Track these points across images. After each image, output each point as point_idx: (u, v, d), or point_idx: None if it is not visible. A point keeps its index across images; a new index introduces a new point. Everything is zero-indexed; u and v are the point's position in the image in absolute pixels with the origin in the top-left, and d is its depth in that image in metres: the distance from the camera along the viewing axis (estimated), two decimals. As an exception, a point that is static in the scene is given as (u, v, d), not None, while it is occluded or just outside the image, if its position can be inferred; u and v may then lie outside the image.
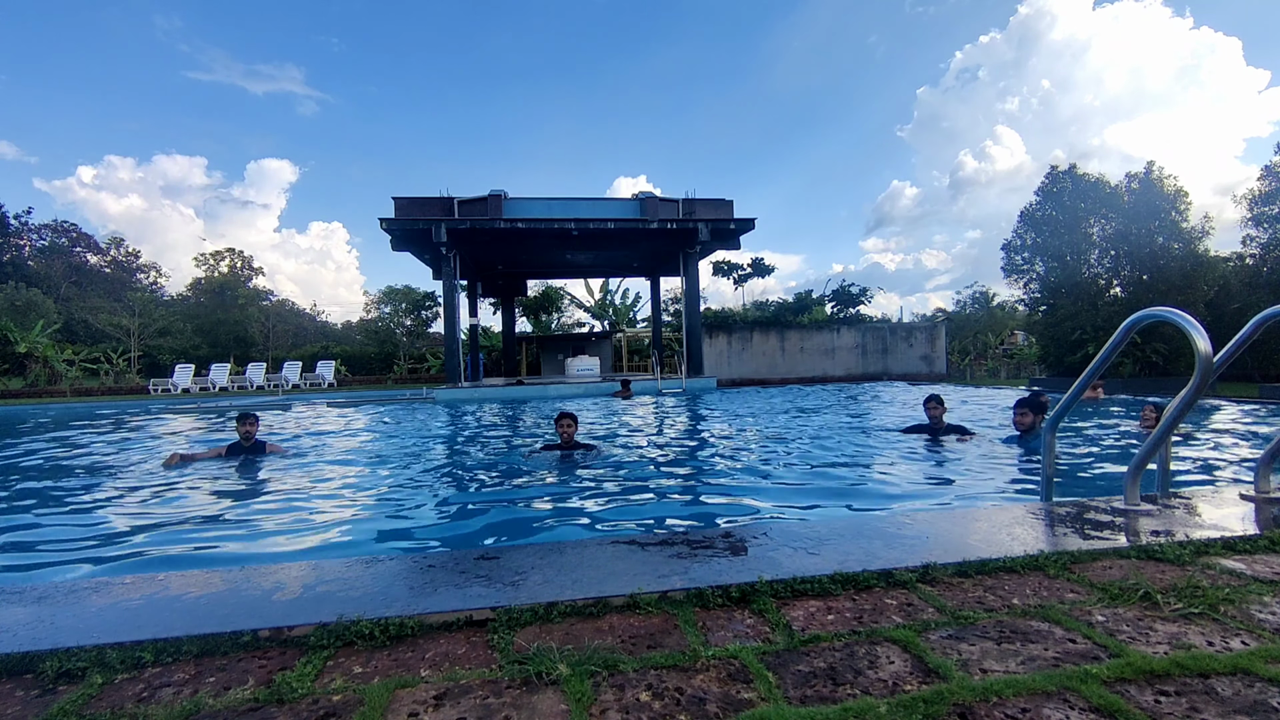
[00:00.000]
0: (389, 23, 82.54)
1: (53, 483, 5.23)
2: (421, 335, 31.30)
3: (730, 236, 17.84)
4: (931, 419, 6.16)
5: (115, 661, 1.36)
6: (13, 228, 37.28)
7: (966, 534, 2.17)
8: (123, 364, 26.55)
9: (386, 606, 1.59)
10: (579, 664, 1.32)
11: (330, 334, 43.16)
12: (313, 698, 1.24)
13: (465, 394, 14.72)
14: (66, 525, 3.73)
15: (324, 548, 3.20)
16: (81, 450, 7.35)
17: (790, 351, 21.56)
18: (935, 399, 6.21)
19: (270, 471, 5.33)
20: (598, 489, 4.45)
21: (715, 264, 27.77)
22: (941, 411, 6.15)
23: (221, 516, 3.87)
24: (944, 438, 5.98)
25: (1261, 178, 14.85)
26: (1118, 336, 2.64)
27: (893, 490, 4.20)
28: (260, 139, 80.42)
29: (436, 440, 7.76)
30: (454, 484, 5.00)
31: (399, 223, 15.88)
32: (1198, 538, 2.05)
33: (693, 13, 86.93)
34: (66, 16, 58.95)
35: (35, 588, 1.79)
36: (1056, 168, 15.96)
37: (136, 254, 43.33)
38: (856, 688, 1.24)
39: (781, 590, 1.69)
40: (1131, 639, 1.41)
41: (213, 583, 1.81)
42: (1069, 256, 15.21)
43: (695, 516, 3.81)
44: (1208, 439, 6.15)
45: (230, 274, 40.68)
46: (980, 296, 33.84)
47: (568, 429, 5.48)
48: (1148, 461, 2.49)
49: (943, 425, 6.12)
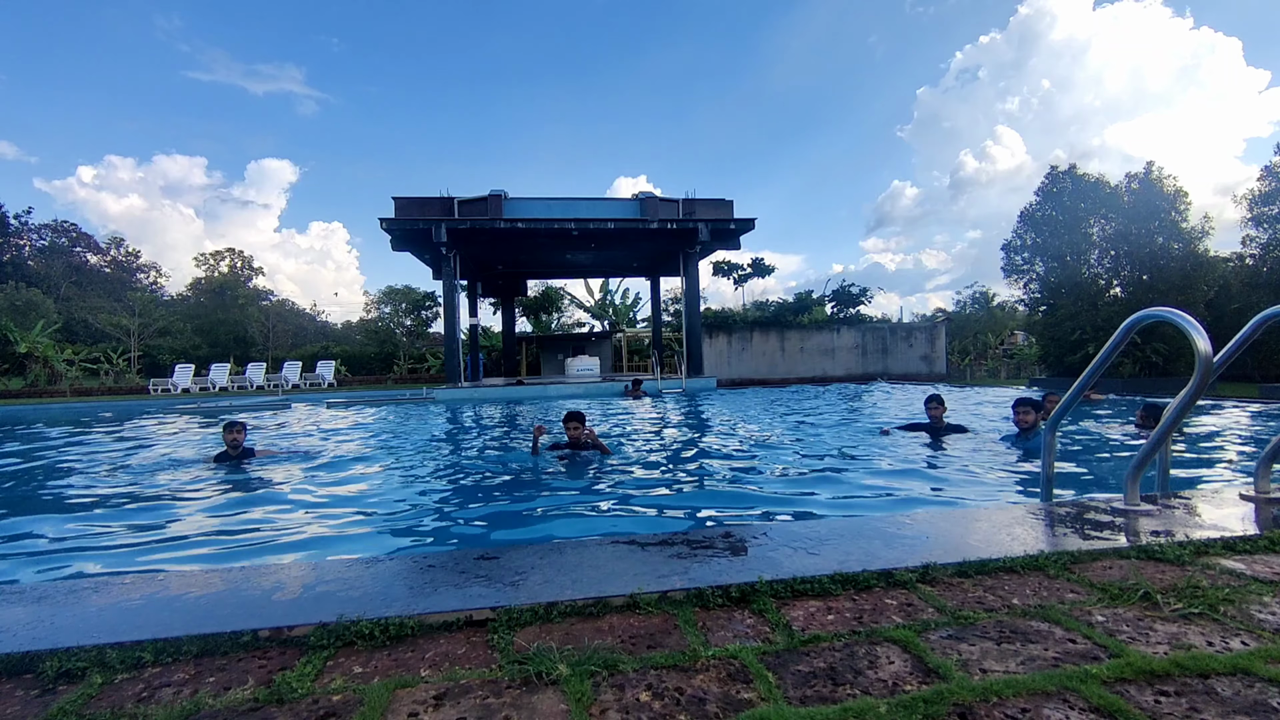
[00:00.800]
0: (389, 23, 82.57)
1: (53, 483, 5.23)
2: (421, 335, 31.30)
3: (730, 236, 17.85)
4: (932, 419, 6.20)
5: (115, 661, 1.36)
6: (13, 228, 37.29)
7: (966, 534, 2.17)
8: (122, 364, 26.55)
9: (386, 606, 1.59)
10: (579, 664, 1.32)
11: (330, 334, 43.15)
12: (313, 698, 1.24)
13: (465, 394, 14.72)
14: (66, 526, 3.73)
15: (324, 548, 3.20)
16: (81, 450, 7.35)
17: (790, 352, 21.57)
18: (936, 399, 6.27)
19: (268, 473, 5.32)
20: (598, 489, 4.45)
21: (715, 264, 27.76)
22: (942, 411, 6.19)
23: (221, 518, 3.87)
24: (944, 437, 6.02)
25: (1261, 178, 14.85)
26: (1118, 336, 2.64)
27: (892, 490, 4.20)
28: (260, 139, 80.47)
29: (437, 440, 7.76)
30: (454, 484, 5.00)
31: (399, 223, 15.89)
32: (1198, 538, 2.05)
33: (693, 13, 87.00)
34: (66, 16, 59.00)
35: (35, 588, 1.79)
36: (1056, 168, 15.97)
37: (136, 254, 43.38)
38: (856, 688, 1.23)
39: (781, 590, 1.69)
40: (1131, 639, 1.41)
41: (213, 583, 1.81)
42: (1069, 256, 15.22)
43: (695, 516, 3.81)
44: (1208, 439, 6.16)
45: (230, 274, 40.71)
46: (980, 296, 33.85)
47: (575, 430, 5.45)
48: (1148, 462, 2.49)
49: (943, 425, 6.18)
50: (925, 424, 6.30)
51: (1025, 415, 5.42)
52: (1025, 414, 5.42)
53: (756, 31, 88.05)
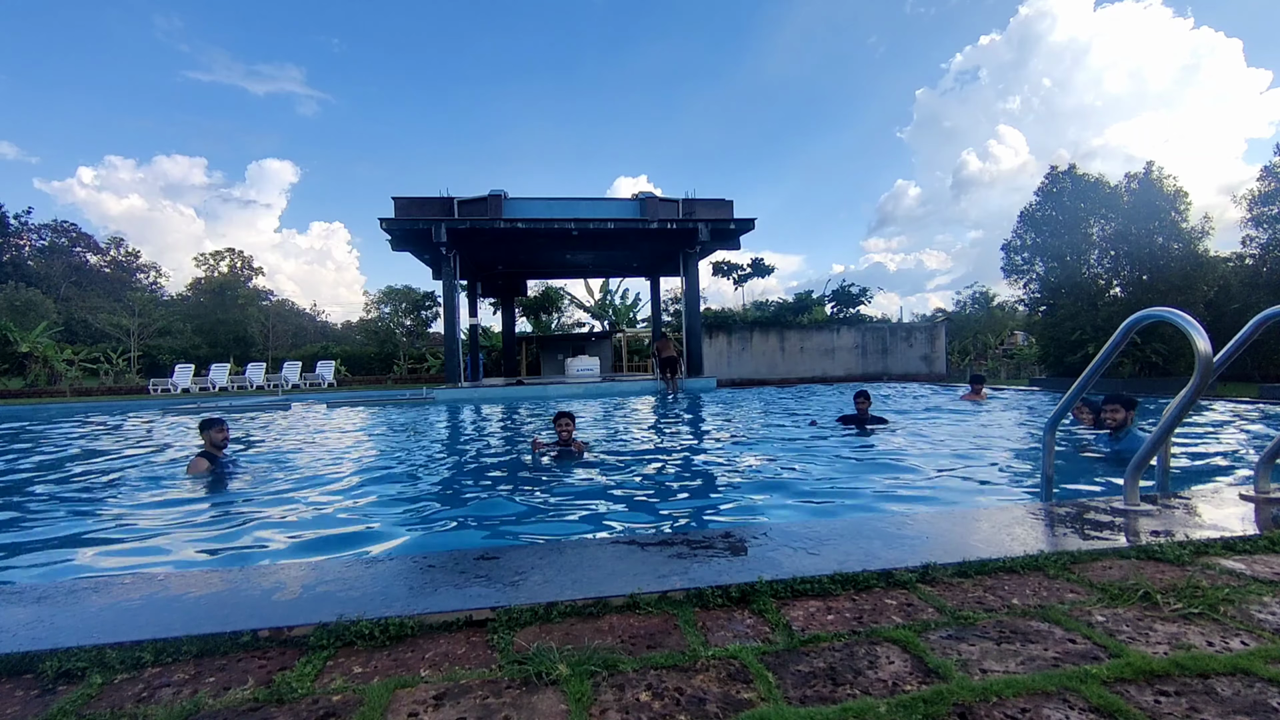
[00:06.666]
0: (389, 23, 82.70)
1: (52, 483, 5.23)
2: (421, 335, 31.29)
3: (730, 237, 17.84)
4: (859, 411, 7.31)
5: (115, 661, 1.36)
6: (13, 228, 37.31)
7: (966, 534, 2.17)
8: (122, 364, 26.53)
9: (386, 606, 1.59)
10: (579, 664, 1.32)
11: (330, 334, 43.16)
12: (313, 698, 1.24)
13: (465, 394, 14.72)
14: (66, 526, 3.73)
15: (324, 548, 3.20)
16: (80, 451, 7.35)
17: (790, 352, 21.56)
18: (863, 394, 7.51)
19: (266, 474, 5.32)
20: (598, 489, 4.45)
21: (715, 264, 27.75)
22: (867, 405, 7.36)
23: (221, 519, 3.87)
24: (870, 427, 7.14)
25: (1261, 178, 14.84)
26: (1117, 337, 2.64)
27: (892, 490, 4.20)
28: (261, 139, 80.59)
29: (436, 440, 7.76)
30: (454, 484, 5.00)
31: (399, 223, 15.87)
32: (1197, 538, 2.05)
33: (693, 13, 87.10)
34: (66, 17, 59.08)
35: (35, 588, 1.79)
36: (1056, 168, 15.95)
37: (136, 254, 43.40)
38: (856, 688, 1.23)
39: (781, 590, 1.69)
40: (1131, 639, 1.41)
41: (212, 583, 1.81)
42: (1069, 256, 15.20)
43: (695, 516, 3.81)
44: (1208, 439, 6.15)
45: (230, 274, 40.70)
46: (980, 296, 33.84)
47: (566, 428, 5.53)
48: (1147, 461, 2.49)
49: (868, 417, 7.26)
50: (854, 415, 7.38)
51: (1114, 413, 5.18)
52: (1114, 412, 5.14)
53: (757, 32, 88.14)
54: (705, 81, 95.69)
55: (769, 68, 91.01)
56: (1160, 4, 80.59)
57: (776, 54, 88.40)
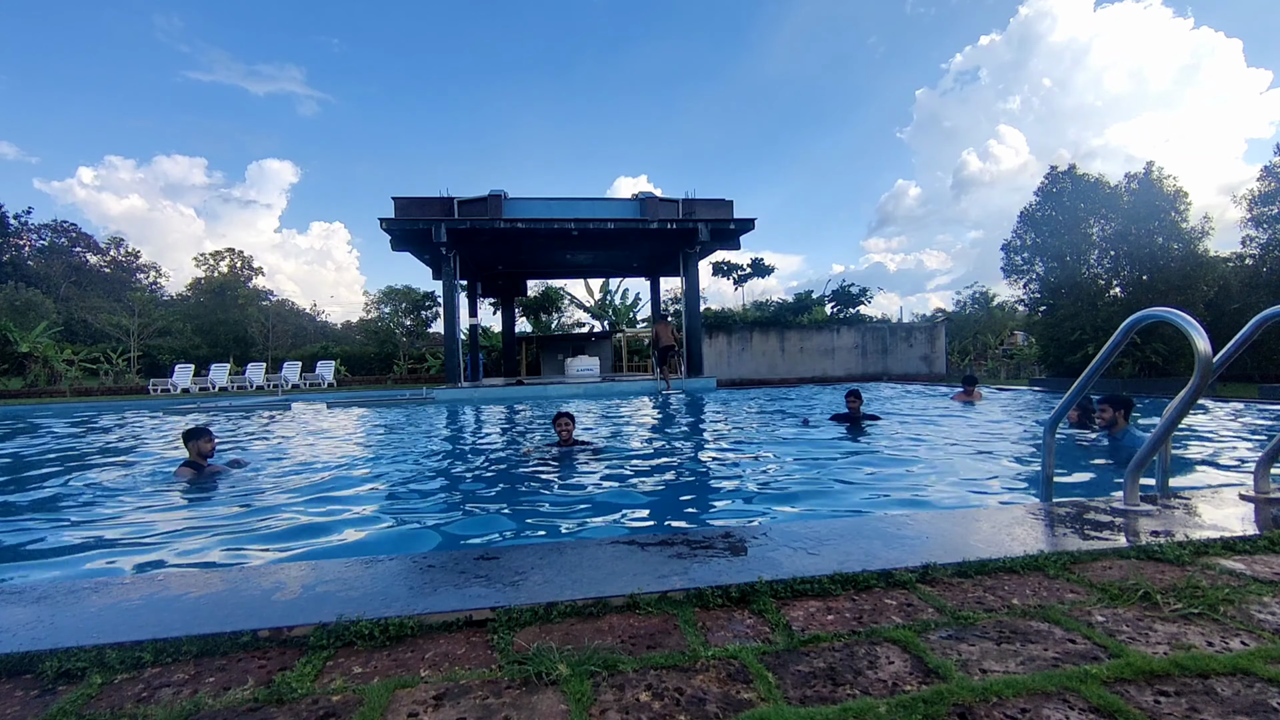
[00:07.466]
0: (389, 23, 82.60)
1: (52, 484, 5.23)
2: (421, 335, 31.28)
3: (730, 237, 17.83)
4: (850, 409, 7.42)
5: (115, 662, 1.36)
6: (13, 228, 37.27)
7: (966, 534, 2.17)
8: (122, 364, 26.52)
9: (386, 606, 1.59)
10: (579, 664, 1.32)
11: (330, 334, 43.13)
12: (312, 698, 1.24)
13: (465, 394, 14.71)
14: (66, 526, 3.73)
15: (324, 548, 3.20)
16: (80, 452, 7.35)
17: (790, 352, 21.56)
18: (854, 393, 7.57)
19: (265, 475, 5.32)
20: (598, 489, 4.45)
21: (715, 264, 27.76)
22: (859, 404, 7.45)
23: (221, 518, 3.87)
24: (863, 424, 7.30)
25: (1261, 178, 14.84)
26: (1117, 337, 2.64)
27: (892, 490, 4.20)
28: (261, 139, 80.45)
29: (436, 440, 7.76)
30: (454, 484, 4.99)
31: (399, 223, 15.87)
32: (1197, 538, 2.05)
33: (692, 13, 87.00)
34: (66, 17, 58.94)
35: (35, 588, 1.79)
36: (1056, 168, 15.95)
37: (136, 254, 43.31)
38: (856, 688, 1.23)
39: (781, 590, 1.69)
40: (1131, 639, 1.41)
41: (212, 583, 1.81)
42: (1068, 257, 15.20)
43: (695, 516, 3.81)
44: (1208, 439, 6.15)
45: (230, 274, 40.66)
46: (980, 297, 33.80)
47: (566, 427, 5.54)
48: (1147, 462, 2.49)
49: (860, 415, 7.40)
50: (845, 414, 7.51)
51: (1103, 413, 5.19)
52: (1103, 411, 5.20)
53: (757, 32, 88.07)
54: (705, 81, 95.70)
55: (769, 68, 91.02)
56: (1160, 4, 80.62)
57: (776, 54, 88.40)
